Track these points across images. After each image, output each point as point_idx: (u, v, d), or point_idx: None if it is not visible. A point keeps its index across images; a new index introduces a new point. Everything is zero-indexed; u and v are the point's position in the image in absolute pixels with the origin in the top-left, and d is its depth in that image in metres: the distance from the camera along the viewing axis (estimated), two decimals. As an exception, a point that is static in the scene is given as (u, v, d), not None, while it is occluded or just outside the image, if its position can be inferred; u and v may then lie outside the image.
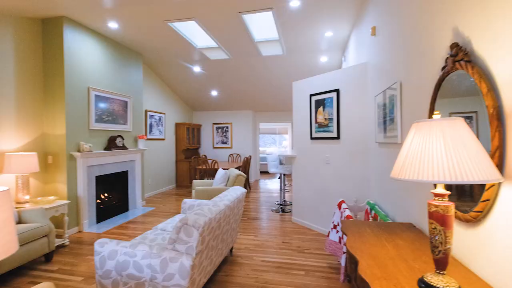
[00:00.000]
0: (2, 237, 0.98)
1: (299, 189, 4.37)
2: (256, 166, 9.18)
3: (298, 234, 3.90)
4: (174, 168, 8.02)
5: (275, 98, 7.91)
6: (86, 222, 4.28)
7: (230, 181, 4.63)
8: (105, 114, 4.73)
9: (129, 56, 5.36)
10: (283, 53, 5.43)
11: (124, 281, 2.05)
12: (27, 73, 3.83)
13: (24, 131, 3.78)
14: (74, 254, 3.36)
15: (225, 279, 2.69)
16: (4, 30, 3.52)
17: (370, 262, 1.31)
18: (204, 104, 8.65)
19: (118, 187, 5.14)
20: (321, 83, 3.95)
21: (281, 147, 13.26)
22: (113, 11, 3.80)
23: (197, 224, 2.00)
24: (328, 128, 3.77)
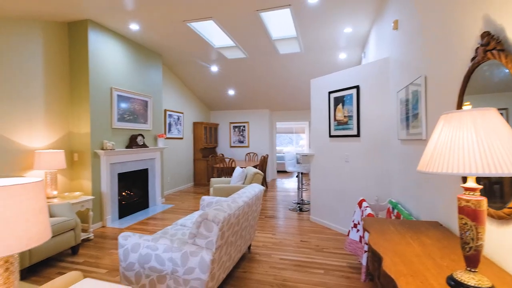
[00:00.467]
0: (38, 224, 1.04)
1: (317, 188, 4.31)
2: (273, 165, 9.16)
3: (317, 233, 3.85)
4: (192, 166, 8.15)
5: (292, 96, 7.86)
6: (109, 217, 4.43)
7: (247, 179, 4.65)
8: (127, 114, 4.88)
9: (149, 57, 5.50)
10: (301, 50, 5.39)
11: (146, 274, 2.11)
12: (55, 74, 4.02)
13: (52, 130, 3.97)
14: (98, 247, 3.49)
15: (243, 275, 2.71)
16: (34, 34, 3.72)
17: (395, 259, 1.27)
18: (221, 103, 8.74)
19: (139, 184, 5.29)
20: (340, 80, 3.89)
21: (298, 146, 13.15)
22: (134, 13, 3.91)
23: (217, 219, 2.02)
24: (348, 125, 3.70)
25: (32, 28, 3.69)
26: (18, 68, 3.52)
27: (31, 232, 1.01)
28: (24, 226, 0.99)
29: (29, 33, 3.66)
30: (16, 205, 0.98)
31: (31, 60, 3.67)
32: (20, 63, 3.54)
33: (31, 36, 3.68)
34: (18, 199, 0.98)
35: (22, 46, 3.57)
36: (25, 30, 3.60)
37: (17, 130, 3.50)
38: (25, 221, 0.99)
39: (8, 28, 3.41)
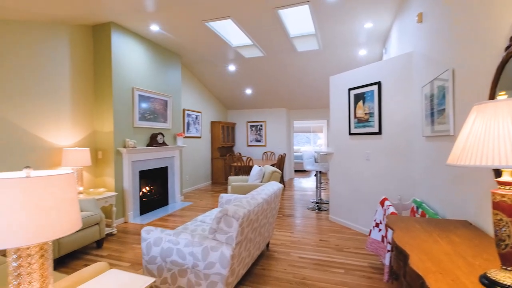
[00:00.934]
0: (70, 214, 1.08)
1: (336, 186, 4.24)
2: (290, 165, 9.10)
3: (336, 233, 3.79)
4: (209, 165, 8.25)
5: (310, 95, 7.78)
6: (131, 213, 4.57)
7: (265, 177, 4.65)
8: (148, 113, 5.01)
9: (168, 57, 5.63)
10: (319, 47, 5.32)
11: (168, 267, 2.15)
12: (80, 75, 4.20)
13: (78, 129, 4.15)
14: (121, 242, 3.60)
15: (262, 272, 2.70)
16: (62, 37, 3.90)
17: (422, 257, 1.22)
18: (238, 102, 8.79)
19: (159, 182, 5.42)
20: (360, 77, 3.80)
21: (316, 146, 12.99)
22: (154, 15, 4.01)
23: (237, 215, 2.03)
24: (369, 123, 3.61)
25: (60, 31, 3.87)
26: (47, 70, 3.70)
27: (64, 221, 1.06)
28: (57, 215, 1.04)
29: (57, 36, 3.84)
30: (51, 195, 1.03)
31: (58, 61, 3.85)
32: (49, 65, 3.72)
33: (59, 39, 3.86)
34: (53, 189, 1.03)
35: (51, 48, 3.75)
36: (53, 34, 3.78)
37: (46, 129, 3.68)
38: (58, 211, 1.04)
39: (38, 32, 3.59)
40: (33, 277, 1.03)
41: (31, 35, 3.51)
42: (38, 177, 1.00)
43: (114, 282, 1.44)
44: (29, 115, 3.48)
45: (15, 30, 3.34)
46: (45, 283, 1.06)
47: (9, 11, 3.07)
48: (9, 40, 3.27)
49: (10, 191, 0.95)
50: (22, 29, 3.42)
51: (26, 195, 0.97)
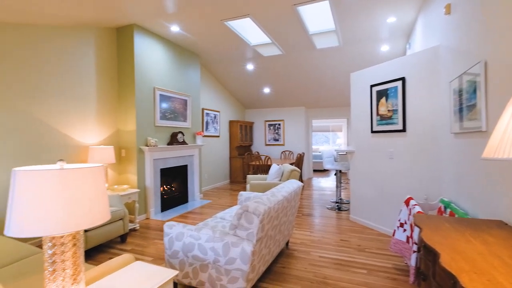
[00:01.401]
0: (100, 205, 1.12)
1: (357, 186, 4.14)
2: (309, 164, 9.00)
3: (357, 233, 3.70)
4: (228, 164, 8.31)
5: (330, 93, 7.65)
6: (153, 210, 4.68)
7: (284, 176, 4.62)
8: (168, 112, 5.12)
9: (188, 57, 5.72)
10: (339, 44, 5.22)
11: (190, 262, 2.18)
12: (105, 76, 4.35)
13: (103, 128, 4.31)
14: (144, 237, 3.70)
15: (282, 270, 2.69)
16: (88, 39, 4.06)
17: (455, 256, 1.16)
18: (256, 101, 8.80)
19: (179, 180, 5.53)
20: (383, 72, 3.69)
21: (335, 145, 12.76)
22: (174, 16, 4.08)
23: (258, 211, 2.03)
24: (392, 120, 3.50)
25: (86, 34, 4.03)
26: (74, 71, 3.87)
27: (94, 211, 1.10)
28: (89, 205, 1.08)
29: (84, 38, 4.00)
30: (83, 186, 1.07)
31: (85, 63, 4.02)
32: (76, 66, 3.89)
33: (85, 41, 4.03)
34: (85, 181, 1.07)
35: (78, 50, 3.92)
36: (80, 36, 3.95)
37: (73, 128, 3.85)
38: (89, 201, 1.08)
39: (66, 35, 3.77)
40: (66, 265, 1.07)
41: (61, 39, 3.68)
42: (71, 169, 1.05)
43: (139, 273, 1.48)
44: (60, 115, 3.66)
45: (46, 35, 3.52)
46: (77, 270, 1.10)
47: (42, 16, 3.24)
48: (42, 45, 3.45)
49: (46, 182, 0.99)
50: (52, 34, 3.60)
51: (61, 186, 1.01)
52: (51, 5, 3.05)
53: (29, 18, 3.20)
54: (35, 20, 3.31)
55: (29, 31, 3.34)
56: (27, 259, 1.99)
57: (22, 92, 3.27)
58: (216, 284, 2.09)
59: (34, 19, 3.26)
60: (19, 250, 2.13)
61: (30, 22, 3.30)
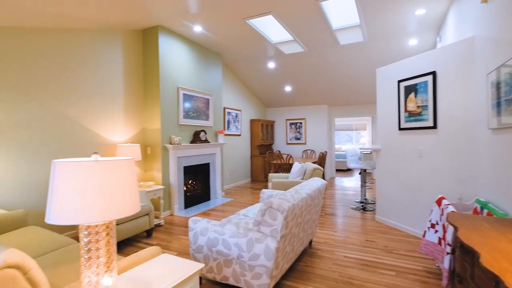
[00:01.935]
0: (131, 196, 1.16)
1: (384, 185, 4.00)
2: (331, 163, 8.83)
3: (383, 234, 3.57)
4: (249, 163, 8.34)
5: (353, 90, 7.46)
6: (176, 206, 4.79)
7: (306, 174, 4.56)
8: (191, 111, 5.22)
9: (210, 57, 5.80)
10: (364, 39, 5.07)
11: (214, 257, 2.21)
12: (131, 76, 4.51)
13: (130, 126, 4.46)
14: (168, 233, 3.79)
15: (306, 269, 2.65)
16: (116, 41, 4.23)
17: (496, 256, 1.08)
18: (277, 100, 8.76)
19: (201, 177, 5.61)
20: (411, 67, 3.54)
21: (359, 144, 12.41)
22: (197, 16, 4.15)
23: (282, 208, 2.01)
24: (421, 116, 3.34)
25: (114, 36, 4.20)
26: (104, 72, 4.04)
27: (126, 202, 1.13)
28: (121, 196, 1.11)
29: (112, 41, 4.17)
30: (116, 178, 1.10)
31: (113, 65, 4.19)
32: (105, 68, 4.07)
33: (114, 44, 4.19)
34: (117, 172, 1.11)
35: (107, 53, 4.09)
36: (109, 39, 4.12)
37: (103, 126, 4.02)
38: (122, 192, 1.12)
39: (96, 38, 3.94)
40: (100, 253, 1.11)
41: (92, 42, 3.86)
42: (105, 161, 1.09)
43: (166, 265, 1.52)
44: (91, 115, 3.84)
45: (78, 39, 3.70)
46: (110, 259, 1.14)
47: (75, 21, 3.41)
48: (75, 48, 3.64)
49: (83, 172, 1.04)
50: (84, 37, 3.78)
51: (96, 176, 1.05)
52: (83, 9, 3.20)
53: (64, 23, 3.38)
54: (69, 25, 3.49)
55: (64, 36, 3.53)
56: (63, 249, 2.10)
57: (58, 92, 3.46)
58: (240, 280, 2.09)
59: (68, 23, 3.44)
60: (56, 241, 2.25)
61: (65, 26, 3.49)
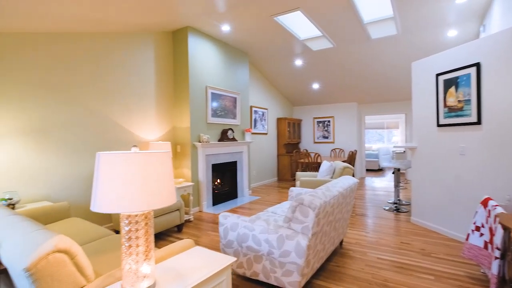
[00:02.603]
0: (167, 188, 1.19)
1: (420, 185, 3.79)
2: (361, 163, 8.53)
3: (420, 236, 3.38)
4: (275, 161, 8.30)
5: (385, 86, 7.15)
6: (205, 203, 4.89)
7: (336, 173, 4.44)
8: (219, 110, 5.29)
9: (237, 56, 5.85)
10: (397, 32, 4.83)
11: (244, 252, 2.21)
12: (162, 76, 4.67)
13: (161, 125, 4.62)
14: (198, 228, 3.88)
15: (337, 269, 2.57)
16: (148, 43, 4.40)
17: None
18: (304, 98, 8.63)
19: (228, 175, 5.68)
20: (452, 59, 3.30)
21: (390, 143, 11.86)
22: (225, 15, 4.19)
23: (313, 205, 1.97)
24: (463, 112, 3.11)
25: (146, 38, 4.37)
26: (137, 73, 4.22)
27: (163, 193, 1.16)
28: (159, 187, 1.14)
29: (145, 43, 4.34)
30: (154, 169, 1.14)
31: (146, 65, 4.36)
32: (138, 68, 4.24)
33: (146, 46, 4.36)
34: (155, 164, 1.14)
35: (140, 54, 4.26)
36: (142, 41, 4.29)
37: (136, 124, 4.20)
38: (160, 183, 1.15)
39: (130, 40, 4.13)
40: (140, 242, 1.15)
41: (126, 45, 4.05)
42: (144, 153, 1.12)
43: (199, 257, 1.54)
44: (125, 114, 4.03)
45: (113, 42, 3.90)
46: (149, 248, 1.18)
47: (111, 25, 3.60)
48: (111, 51, 3.84)
49: (124, 164, 1.08)
50: (119, 40, 3.97)
51: (136, 168, 1.09)
52: (119, 14, 3.36)
53: (100, 27, 3.58)
54: (106, 29, 3.69)
55: (101, 40, 3.74)
56: (103, 239, 2.22)
57: (96, 93, 3.67)
58: (270, 276, 2.08)
59: (105, 28, 3.64)
60: (96, 231, 2.38)
61: (101, 30, 3.69)
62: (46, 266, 1.07)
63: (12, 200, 2.68)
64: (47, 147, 3.19)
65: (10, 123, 2.91)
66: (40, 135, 3.13)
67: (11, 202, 2.67)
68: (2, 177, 2.84)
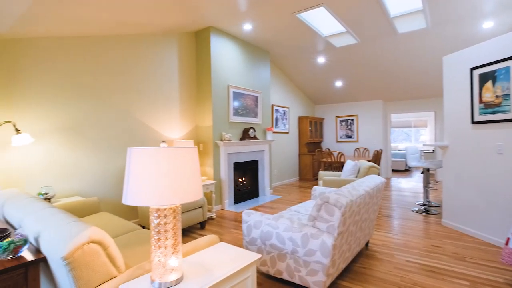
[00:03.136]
0: (194, 183, 1.20)
1: (452, 186, 3.59)
2: (387, 163, 8.24)
3: (452, 239, 3.20)
4: (297, 161, 8.22)
5: (413, 83, 6.85)
6: (227, 201, 4.93)
7: (361, 173, 4.31)
8: (240, 109, 5.32)
9: (258, 54, 5.84)
10: (427, 26, 4.60)
11: (267, 250, 2.20)
12: (185, 76, 4.76)
13: (184, 124, 4.72)
14: (220, 226, 3.92)
15: (363, 271, 2.49)
16: (172, 43, 4.50)
17: None
18: (326, 96, 8.47)
19: (250, 174, 5.69)
20: (488, 52, 3.10)
21: (418, 142, 11.35)
22: (246, 14, 4.19)
23: (339, 203, 1.92)
24: (502, 107, 2.90)
25: (170, 39, 4.48)
26: (162, 74, 4.33)
27: (190, 188, 1.17)
28: (187, 182, 1.16)
29: (169, 44, 4.45)
30: (183, 164, 1.15)
31: (170, 65, 4.47)
32: (163, 69, 4.36)
33: (170, 46, 4.47)
34: (184, 160, 1.16)
35: (164, 55, 4.37)
36: (166, 42, 4.40)
37: (161, 124, 4.31)
38: (187, 178, 1.16)
39: (154, 42, 4.25)
40: (168, 235, 1.17)
41: (151, 46, 4.17)
42: (173, 148, 1.14)
43: (224, 253, 1.54)
44: (151, 113, 4.15)
45: (139, 43, 4.03)
46: (177, 241, 1.20)
47: (137, 27, 3.72)
48: (137, 52, 3.97)
49: (154, 158, 1.10)
50: (144, 41, 4.10)
51: (165, 162, 1.11)
52: (145, 15, 3.46)
53: (126, 29, 3.71)
54: (132, 31, 3.81)
55: (127, 41, 3.88)
56: (131, 233, 2.30)
57: (122, 93, 3.81)
58: (295, 275, 2.05)
59: (131, 30, 3.77)
60: (124, 225, 2.47)
61: (127, 33, 3.82)
62: (81, 256, 1.11)
63: (48, 194, 2.85)
64: (79, 146, 3.36)
65: (48, 122, 3.09)
66: (73, 134, 3.30)
67: (47, 197, 2.84)
68: (40, 173, 3.02)
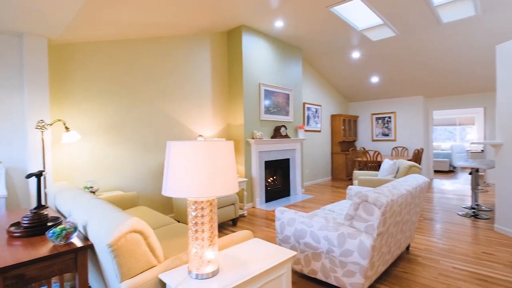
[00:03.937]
0: (230, 177, 1.20)
1: (508, 188, 3.25)
2: (428, 163, 7.71)
3: (507, 247, 2.89)
4: (329, 160, 8.00)
5: (458, 77, 6.32)
6: (258, 199, 4.93)
7: (400, 172, 4.07)
8: (272, 107, 5.28)
9: (290, 52, 5.76)
10: (476, 13, 4.21)
11: (301, 249, 2.15)
12: (217, 75, 4.84)
13: (216, 122, 4.80)
14: (252, 223, 3.92)
15: (404, 276, 2.34)
16: (204, 44, 4.60)
17: None
18: (361, 93, 8.14)
19: (281, 173, 5.64)
20: (552, 37, 2.75)
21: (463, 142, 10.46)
22: (278, 10, 4.15)
23: (379, 203, 1.81)
24: None
25: (203, 40, 4.58)
26: (194, 73, 4.45)
27: (227, 181, 1.17)
28: (223, 175, 1.16)
29: (202, 44, 4.55)
30: (220, 158, 1.15)
31: (202, 65, 4.57)
32: (196, 68, 4.47)
33: (203, 46, 4.57)
34: (221, 153, 1.16)
35: (198, 55, 4.48)
36: (199, 42, 4.51)
37: (194, 122, 4.43)
38: (224, 172, 1.16)
39: (189, 42, 4.37)
40: (205, 227, 1.18)
41: (185, 47, 4.30)
42: (211, 142, 1.15)
43: (259, 248, 1.53)
44: (185, 112, 4.28)
45: (174, 45, 4.17)
46: (213, 234, 1.21)
47: (171, 28, 3.85)
48: (172, 53, 4.12)
49: (193, 152, 1.12)
50: (178, 43, 4.24)
51: (203, 156, 1.12)
52: (179, 17, 3.58)
53: (162, 31, 3.85)
54: (167, 33, 3.96)
55: (163, 43, 4.03)
56: (168, 226, 2.38)
57: (158, 93, 3.97)
58: (330, 276, 1.98)
59: (166, 32, 3.91)
60: (161, 219, 2.57)
61: (163, 35, 3.97)
62: (125, 244, 1.16)
63: (92, 188, 3.05)
64: (119, 143, 3.56)
65: (92, 121, 3.32)
66: (113, 132, 3.51)
67: (91, 190, 3.05)
68: (86, 168, 3.26)
